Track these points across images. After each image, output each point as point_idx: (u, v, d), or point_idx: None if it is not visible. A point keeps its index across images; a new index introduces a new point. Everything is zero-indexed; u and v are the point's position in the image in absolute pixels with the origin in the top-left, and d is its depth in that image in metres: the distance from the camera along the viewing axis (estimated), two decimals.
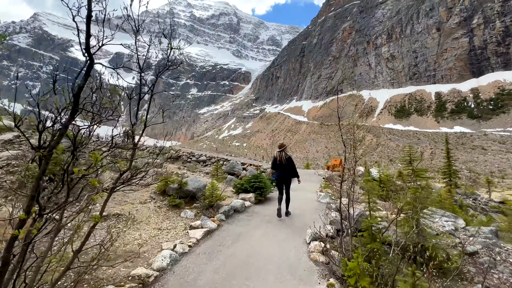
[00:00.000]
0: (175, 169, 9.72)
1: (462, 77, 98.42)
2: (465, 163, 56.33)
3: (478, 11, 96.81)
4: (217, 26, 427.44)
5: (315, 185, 11.21)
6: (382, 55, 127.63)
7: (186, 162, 14.97)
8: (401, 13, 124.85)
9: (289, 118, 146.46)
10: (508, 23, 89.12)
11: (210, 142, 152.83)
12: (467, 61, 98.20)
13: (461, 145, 67.63)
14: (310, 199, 8.18)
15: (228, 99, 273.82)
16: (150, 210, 5.86)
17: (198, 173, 11.95)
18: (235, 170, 12.89)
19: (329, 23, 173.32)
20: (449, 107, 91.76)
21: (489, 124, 76.28)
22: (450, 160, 18.73)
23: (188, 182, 6.85)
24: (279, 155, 5.90)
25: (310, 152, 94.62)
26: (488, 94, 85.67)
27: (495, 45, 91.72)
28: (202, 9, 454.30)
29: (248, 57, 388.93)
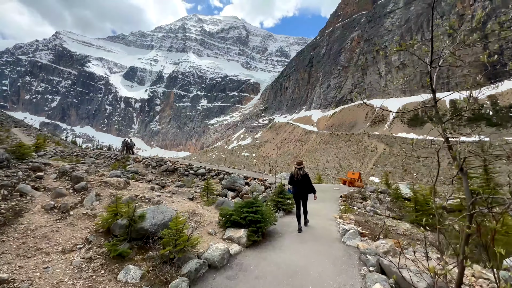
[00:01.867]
0: (144, 191, 7.35)
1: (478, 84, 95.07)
2: None
3: (492, 17, 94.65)
4: (226, 40, 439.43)
5: (332, 206, 9.39)
6: (393, 63, 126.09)
7: (183, 175, 13.67)
8: (410, 22, 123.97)
9: (298, 127, 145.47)
10: None
11: (219, 153, 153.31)
12: (482, 67, 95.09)
13: None
14: (329, 236, 5.74)
15: (238, 110, 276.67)
16: (70, 267, 3.61)
17: (195, 188, 10.91)
18: (236, 185, 11.46)
19: (337, 33, 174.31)
20: (465, 115, 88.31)
21: (511, 132, 72.50)
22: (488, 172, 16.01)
23: (145, 214, 4.73)
24: (296, 172, 6.20)
25: (320, 162, 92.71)
26: (507, 101, 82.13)
27: (511, 51, 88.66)
28: (212, 23, 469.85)
29: (257, 69, 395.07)
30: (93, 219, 5.00)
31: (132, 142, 21.93)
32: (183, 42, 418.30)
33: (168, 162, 14.97)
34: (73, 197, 5.87)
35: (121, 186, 7.11)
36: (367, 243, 5.07)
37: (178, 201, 7.26)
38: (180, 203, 7.08)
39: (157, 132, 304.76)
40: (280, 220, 7.03)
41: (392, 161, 73.60)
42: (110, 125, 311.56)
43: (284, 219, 7.40)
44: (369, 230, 6.23)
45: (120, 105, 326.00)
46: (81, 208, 5.43)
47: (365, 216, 8.06)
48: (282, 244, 5.23)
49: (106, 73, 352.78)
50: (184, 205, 6.91)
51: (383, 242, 4.83)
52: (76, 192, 6.11)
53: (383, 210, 9.30)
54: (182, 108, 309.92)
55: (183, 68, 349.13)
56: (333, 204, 9.53)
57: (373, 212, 8.71)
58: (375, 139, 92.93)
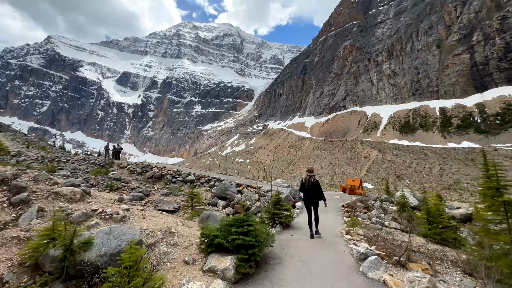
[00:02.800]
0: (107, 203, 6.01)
1: (465, 92, 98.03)
2: (477, 180, 54.03)
3: (477, 28, 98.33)
4: (221, 46, 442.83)
5: (336, 218, 8.41)
6: (384, 71, 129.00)
7: (170, 182, 12.68)
8: (400, 32, 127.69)
9: (292, 134, 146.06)
10: (508, 39, 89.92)
11: (213, 159, 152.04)
12: (469, 76, 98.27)
13: (470, 160, 65.58)
14: (341, 263, 4.55)
15: (232, 116, 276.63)
16: None
17: (182, 197, 10.16)
18: (228, 193, 10.48)
19: (330, 42, 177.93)
20: (454, 122, 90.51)
21: (498, 139, 74.43)
22: None
23: (93, 240, 3.51)
24: (308, 180, 6.22)
25: (314, 168, 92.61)
26: (494, 109, 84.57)
27: (497, 60, 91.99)
28: (207, 30, 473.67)
29: (251, 75, 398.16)
30: (26, 246, 3.69)
31: (119, 147, 21.00)
32: (178, 48, 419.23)
33: (154, 168, 13.95)
34: (6, 214, 4.60)
35: (76, 198, 5.73)
36: (396, 276, 3.96)
37: (151, 216, 5.91)
38: (153, 218, 5.75)
39: (150, 138, 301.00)
40: (278, 238, 5.81)
41: (385, 168, 74.28)
42: (102, 130, 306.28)
43: (281, 235, 6.34)
44: (384, 249, 5.39)
45: (113, 110, 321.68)
46: (13, 229, 4.16)
47: (373, 229, 7.29)
48: (282, 277, 4.00)
49: (99, 78, 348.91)
50: (158, 221, 5.57)
51: (417, 275, 3.81)
52: (12, 207, 4.83)
53: (390, 221, 8.31)
54: (176, 114, 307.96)
55: (177, 74, 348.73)
56: (336, 216, 8.69)
57: (379, 223, 7.92)
58: (368, 146, 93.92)
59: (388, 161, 77.77)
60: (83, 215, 4.85)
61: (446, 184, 55.72)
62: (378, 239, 6.37)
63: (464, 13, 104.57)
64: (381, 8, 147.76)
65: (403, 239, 6.64)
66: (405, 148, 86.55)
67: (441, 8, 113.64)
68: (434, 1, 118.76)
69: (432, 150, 79.57)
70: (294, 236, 6.17)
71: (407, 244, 5.04)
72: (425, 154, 77.69)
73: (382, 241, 6.24)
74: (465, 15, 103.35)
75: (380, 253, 4.85)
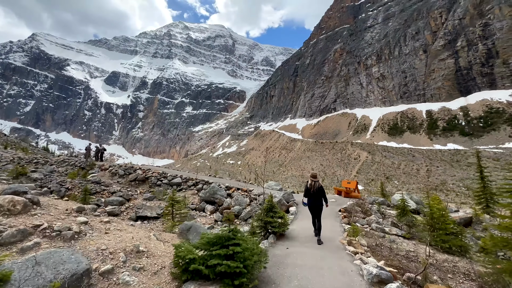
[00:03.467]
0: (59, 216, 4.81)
1: (450, 96, 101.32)
2: (462, 181, 55.77)
3: (461, 34, 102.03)
4: (212, 47, 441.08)
5: (334, 225, 7.62)
6: (373, 74, 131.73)
7: (155, 185, 11.95)
8: (388, 36, 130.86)
9: (283, 135, 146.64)
10: (490, 45, 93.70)
11: (204, 160, 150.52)
12: (454, 81, 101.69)
13: (456, 162, 67.60)
14: (348, 286, 3.84)
15: (223, 117, 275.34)
16: None
17: (167, 202, 9.37)
18: (216, 197, 9.82)
19: (321, 45, 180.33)
20: (440, 125, 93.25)
21: (481, 141, 77.17)
22: (485, 180, 14.55)
23: (10, 276, 2.47)
24: (312, 185, 6.38)
25: (305, 169, 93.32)
26: (477, 112, 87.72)
27: (479, 66, 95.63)
28: (199, 31, 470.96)
29: (243, 77, 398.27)
30: None
31: (101, 147, 19.95)
32: (169, 48, 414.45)
33: (138, 170, 13.01)
34: None
35: (15, 210, 4.39)
36: None
37: (118, 230, 4.85)
38: (120, 233, 4.71)
39: (140, 139, 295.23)
40: (271, 253, 5.08)
41: (374, 169, 75.50)
42: (89, 131, 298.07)
43: (276, 249, 5.56)
44: (389, 260, 4.88)
45: (101, 110, 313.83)
46: None
47: (375, 237, 6.63)
48: None
49: (86, 78, 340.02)
50: (125, 236, 4.53)
51: None
52: None
53: (390, 227, 7.65)
54: (166, 114, 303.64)
55: (168, 74, 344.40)
56: (334, 222, 8.00)
57: (380, 230, 7.28)
58: (358, 147, 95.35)
59: (377, 162, 79.13)
60: (19, 233, 3.61)
61: (433, 185, 57.08)
62: (382, 248, 5.88)
63: (449, 19, 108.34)
64: (370, 13, 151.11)
65: (408, 249, 6.07)
66: (393, 149, 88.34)
67: (427, 14, 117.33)
68: (420, 7, 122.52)
69: (420, 151, 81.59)
70: (290, 250, 5.51)
71: (425, 262, 4.23)
72: (413, 155, 79.53)
73: (387, 251, 5.76)
74: (450, 22, 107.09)
75: (392, 271, 4.26)
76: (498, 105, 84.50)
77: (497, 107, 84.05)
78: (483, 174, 14.83)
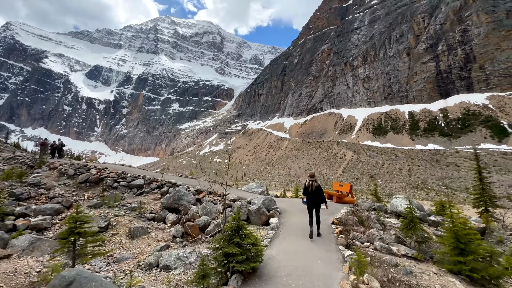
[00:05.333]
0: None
1: (431, 98, 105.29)
2: (442, 180, 57.99)
3: (442, 39, 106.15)
4: (200, 44, 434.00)
5: (327, 251, 5.32)
6: (359, 75, 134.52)
7: (111, 187, 10.13)
8: (374, 39, 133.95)
9: (271, 134, 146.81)
10: (468, 50, 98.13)
11: (190, 158, 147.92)
12: (435, 83, 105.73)
13: (436, 161, 70.29)
14: None
15: (211, 115, 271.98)
16: None
17: (120, 209, 7.73)
18: (182, 203, 8.07)
19: (309, 44, 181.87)
20: (422, 126, 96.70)
21: (459, 142, 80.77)
22: (484, 182, 12.69)
23: None
24: (310, 184, 6.32)
25: (292, 168, 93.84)
26: (455, 114, 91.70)
27: (458, 69, 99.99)
28: (186, 27, 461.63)
29: (231, 75, 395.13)
30: None
31: (59, 142, 17.69)
32: (155, 43, 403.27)
33: (92, 169, 11.21)
34: None
35: None
36: None
37: None
38: None
39: (123, 136, 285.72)
40: None
41: (359, 168, 77.08)
42: (69, 127, 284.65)
43: None
44: None
45: (81, 106, 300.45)
46: None
47: (384, 267, 4.77)
48: None
49: (66, 71, 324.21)
50: None
51: None
52: None
53: (397, 245, 6.02)
54: (152, 111, 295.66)
55: (154, 70, 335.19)
56: (327, 242, 5.83)
57: (386, 251, 5.55)
58: (343, 147, 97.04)
59: (362, 161, 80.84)
60: None
61: (414, 183, 59.03)
62: (396, 285, 4.08)
63: (431, 24, 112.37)
64: (357, 15, 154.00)
65: (432, 284, 4.17)
66: (377, 149, 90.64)
67: (411, 18, 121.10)
68: (405, 11, 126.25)
69: (402, 151, 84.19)
70: None
71: None
72: (395, 155, 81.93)
73: None
74: (432, 26, 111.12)
75: None
76: (474, 108, 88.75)
77: (474, 109, 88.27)
78: (481, 175, 13.12)
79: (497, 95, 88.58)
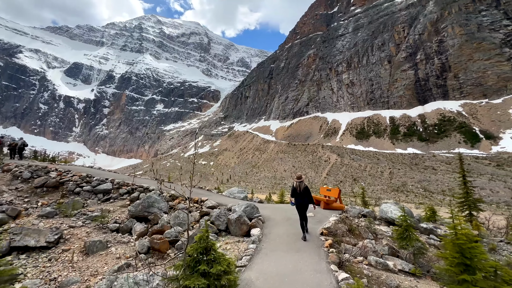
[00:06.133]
0: None
1: (410, 104, 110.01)
2: (420, 182, 60.31)
3: (420, 48, 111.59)
4: (187, 44, 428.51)
5: (316, 271, 4.41)
6: (343, 81, 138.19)
7: (73, 193, 8.93)
8: (358, 46, 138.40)
9: (257, 137, 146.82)
10: (443, 60, 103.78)
11: (174, 160, 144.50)
12: (414, 90, 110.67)
13: (415, 165, 73.14)
14: None
15: (196, 117, 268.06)
16: None
17: (78, 218, 6.74)
18: (152, 211, 7.10)
19: (295, 49, 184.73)
20: (402, 130, 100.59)
21: (436, 146, 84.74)
22: (468, 186, 12.25)
23: None
24: (298, 185, 6.44)
25: (278, 171, 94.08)
26: (432, 120, 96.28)
27: (435, 78, 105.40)
28: (173, 26, 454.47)
29: (218, 76, 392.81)
30: None
31: (21, 142, 15.76)
32: (139, 42, 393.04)
33: (52, 171, 10.00)
34: None
35: None
36: None
37: None
38: None
39: (104, 137, 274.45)
40: None
41: (343, 171, 78.61)
42: (45, 127, 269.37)
43: None
44: None
45: (59, 104, 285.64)
46: None
47: None
48: None
49: (43, 67, 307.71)
50: None
51: None
52: None
53: (393, 259, 5.43)
54: (135, 111, 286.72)
55: (138, 69, 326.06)
56: (316, 259, 4.89)
57: (382, 267, 4.91)
58: (328, 150, 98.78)
59: (346, 165, 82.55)
60: None
61: (395, 186, 60.95)
62: None
63: (410, 34, 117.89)
64: (342, 22, 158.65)
65: None
66: (360, 152, 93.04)
67: (392, 28, 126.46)
68: (386, 21, 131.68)
69: (383, 155, 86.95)
70: None
71: None
72: (377, 158, 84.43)
73: None
74: (411, 36, 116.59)
75: None
76: (450, 114, 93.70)
77: (449, 116, 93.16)
78: (465, 179, 12.68)
79: (469, 102, 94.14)
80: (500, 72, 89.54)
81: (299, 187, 6.49)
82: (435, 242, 6.98)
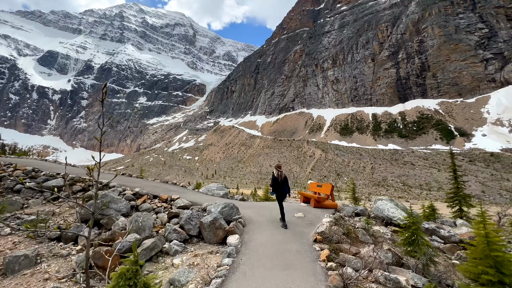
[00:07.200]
0: None
1: (392, 101, 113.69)
2: (400, 177, 62.73)
3: (402, 47, 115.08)
4: (171, 36, 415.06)
5: None
6: (328, 77, 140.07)
7: (11, 190, 7.33)
8: (343, 43, 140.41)
9: (243, 132, 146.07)
10: (423, 60, 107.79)
11: (158, 155, 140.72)
12: (395, 88, 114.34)
13: (395, 160, 75.96)
14: None
15: (181, 110, 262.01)
16: None
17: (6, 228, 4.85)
18: (107, 213, 5.69)
19: (282, 44, 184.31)
20: (383, 127, 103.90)
21: (415, 143, 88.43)
22: (459, 181, 11.72)
23: None
24: (279, 174, 6.51)
25: (263, 166, 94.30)
26: (412, 117, 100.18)
27: (415, 76, 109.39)
28: (156, 16, 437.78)
29: (204, 70, 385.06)
30: None
31: None
32: (120, 31, 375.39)
33: None
34: None
35: None
36: None
37: None
38: None
39: (82, 130, 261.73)
40: None
41: (327, 166, 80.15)
42: (16, 119, 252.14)
43: None
44: None
45: (32, 95, 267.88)
46: None
47: None
48: None
49: (13, 55, 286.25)
50: None
51: None
52: None
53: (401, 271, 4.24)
54: (116, 104, 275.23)
55: (119, 60, 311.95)
56: (312, 281, 3.53)
57: (393, 283, 3.63)
58: (313, 145, 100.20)
59: (330, 160, 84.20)
60: None
61: (376, 181, 63.03)
62: None
63: (393, 33, 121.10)
64: (328, 19, 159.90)
65: None
66: (344, 148, 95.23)
67: (376, 26, 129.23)
68: (371, 19, 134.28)
69: (366, 151, 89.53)
70: None
71: None
72: (360, 154, 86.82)
73: None
74: (394, 35, 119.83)
75: None
76: (428, 112, 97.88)
77: (427, 113, 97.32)
78: (456, 174, 12.12)
79: (446, 101, 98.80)
80: (474, 73, 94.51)
81: (280, 176, 6.59)
82: (439, 244, 5.96)
